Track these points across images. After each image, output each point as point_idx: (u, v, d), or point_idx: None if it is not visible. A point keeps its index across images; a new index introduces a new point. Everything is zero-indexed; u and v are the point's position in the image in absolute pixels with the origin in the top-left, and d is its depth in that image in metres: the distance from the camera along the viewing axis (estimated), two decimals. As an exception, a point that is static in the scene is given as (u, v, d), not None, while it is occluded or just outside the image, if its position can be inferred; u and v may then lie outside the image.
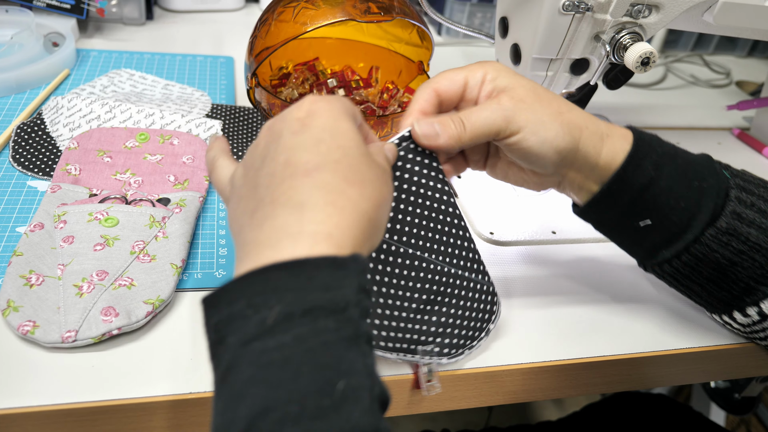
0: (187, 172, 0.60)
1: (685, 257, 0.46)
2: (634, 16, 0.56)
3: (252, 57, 0.62)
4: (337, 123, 0.35)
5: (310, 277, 0.29)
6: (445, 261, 0.47)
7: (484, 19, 1.05)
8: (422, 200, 0.45)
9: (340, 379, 0.27)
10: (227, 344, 0.29)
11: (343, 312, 0.29)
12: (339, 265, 0.30)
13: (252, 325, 0.28)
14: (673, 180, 0.45)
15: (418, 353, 0.46)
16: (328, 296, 0.29)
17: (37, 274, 0.47)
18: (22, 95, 0.72)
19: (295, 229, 0.31)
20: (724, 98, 1.03)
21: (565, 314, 0.54)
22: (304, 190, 0.32)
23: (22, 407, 0.41)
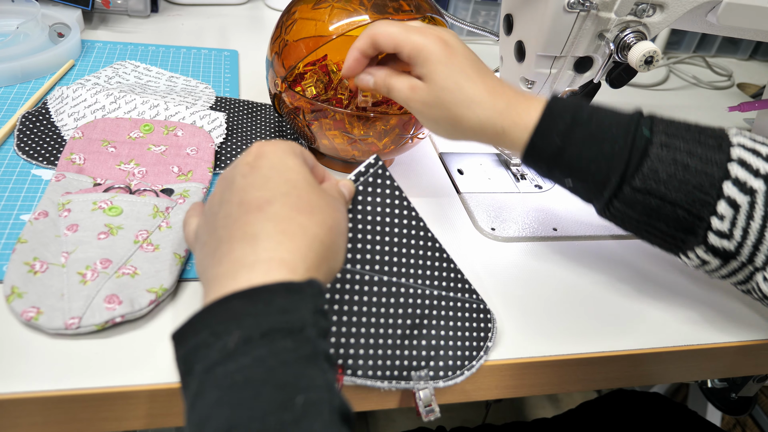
0: (190, 163, 0.61)
1: (612, 210, 0.49)
2: (638, 15, 0.57)
3: (279, 59, 0.61)
4: (282, 161, 0.38)
5: (267, 302, 0.31)
6: (425, 284, 0.48)
7: (488, 17, 1.06)
8: (391, 228, 0.47)
9: (299, 395, 0.28)
10: (194, 372, 0.30)
11: (300, 332, 0.31)
12: (294, 290, 0.32)
13: (215, 351, 0.30)
14: (583, 146, 0.48)
15: (413, 379, 0.46)
16: (285, 319, 0.31)
17: (42, 262, 0.48)
18: (27, 85, 0.72)
19: (250, 259, 0.33)
20: (726, 100, 1.03)
21: (565, 310, 0.55)
22: (257, 223, 0.35)
23: (26, 392, 0.41)
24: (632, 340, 0.53)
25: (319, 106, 0.60)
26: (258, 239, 0.34)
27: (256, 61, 0.87)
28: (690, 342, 0.54)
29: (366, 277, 0.46)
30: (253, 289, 0.32)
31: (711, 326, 0.56)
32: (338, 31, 0.58)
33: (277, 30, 0.63)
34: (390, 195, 0.48)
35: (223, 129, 0.66)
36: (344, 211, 0.41)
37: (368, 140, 0.62)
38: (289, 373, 0.29)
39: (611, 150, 0.47)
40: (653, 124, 0.48)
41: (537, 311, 0.54)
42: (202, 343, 0.30)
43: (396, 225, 0.48)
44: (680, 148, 0.47)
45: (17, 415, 0.42)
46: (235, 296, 0.31)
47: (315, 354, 0.31)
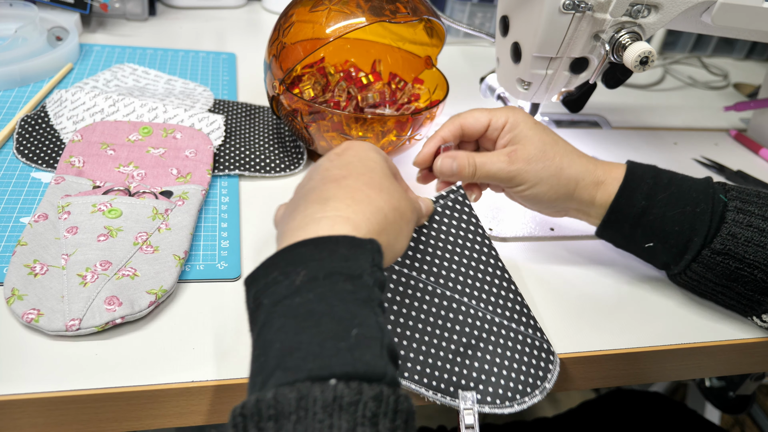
0: (189, 165, 0.61)
1: (689, 273, 0.53)
2: (633, 16, 0.57)
3: (277, 62, 0.61)
4: (366, 153, 0.43)
5: (331, 250, 0.35)
6: (487, 309, 0.49)
7: (484, 19, 1.06)
8: (461, 250, 0.50)
9: (354, 328, 0.32)
10: (263, 306, 0.34)
11: (359, 278, 0.34)
12: (355, 244, 0.36)
13: (283, 287, 0.34)
14: (666, 207, 0.52)
15: (459, 397, 0.46)
16: (346, 265, 0.35)
17: (42, 264, 0.48)
18: (25, 88, 0.73)
19: (319, 215, 0.38)
20: (722, 100, 1.04)
21: (562, 310, 0.55)
22: (331, 190, 0.39)
23: (26, 393, 0.41)
24: (629, 338, 0.53)
25: (317, 108, 0.60)
26: (329, 200, 0.38)
27: (253, 64, 0.87)
28: (687, 340, 0.54)
29: (430, 288, 0.48)
30: (320, 239, 0.36)
31: (708, 324, 0.56)
32: (335, 33, 0.59)
33: (275, 33, 0.63)
34: (466, 221, 0.51)
35: (221, 131, 0.66)
36: (413, 209, 0.45)
37: (366, 142, 0.62)
38: (347, 310, 0.33)
39: (693, 213, 0.51)
40: (726, 190, 0.52)
41: (534, 310, 0.54)
42: (272, 281, 0.34)
43: (468, 248, 0.50)
44: (755, 213, 0.50)
45: (18, 416, 0.42)
46: (304, 243, 0.35)
47: (370, 299, 0.34)
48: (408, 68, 0.75)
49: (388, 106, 0.71)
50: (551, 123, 0.87)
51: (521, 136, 0.53)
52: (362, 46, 0.76)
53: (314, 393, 0.29)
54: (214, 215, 0.58)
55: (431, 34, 0.71)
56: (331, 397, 0.28)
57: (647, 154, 0.81)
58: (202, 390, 0.44)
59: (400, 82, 0.75)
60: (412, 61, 0.74)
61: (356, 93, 0.71)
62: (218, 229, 0.57)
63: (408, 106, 0.72)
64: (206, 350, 0.46)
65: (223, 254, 0.54)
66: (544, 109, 0.87)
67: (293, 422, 0.28)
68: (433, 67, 0.72)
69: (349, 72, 0.75)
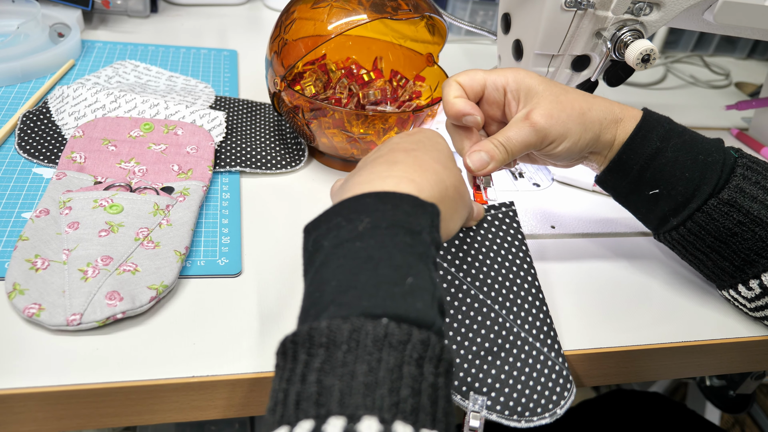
0: (190, 161, 0.61)
1: (689, 224, 0.51)
2: (635, 14, 0.57)
3: (279, 58, 0.61)
4: (436, 136, 0.45)
5: (395, 205, 0.36)
6: (515, 322, 0.49)
7: (486, 17, 1.06)
8: (503, 261, 0.51)
9: (409, 277, 0.33)
10: (323, 248, 0.36)
11: (419, 234, 0.36)
12: (417, 204, 0.37)
13: (345, 232, 0.35)
14: (679, 152, 0.51)
15: (470, 399, 0.46)
16: (408, 220, 0.36)
17: (43, 259, 0.48)
18: (27, 84, 0.73)
19: (386, 174, 0.39)
20: (724, 99, 1.04)
21: (562, 307, 0.55)
22: (399, 155, 0.41)
23: (27, 388, 0.41)
24: (628, 336, 0.53)
25: (318, 105, 0.60)
26: (396, 163, 0.40)
27: (255, 61, 0.87)
28: (687, 338, 0.54)
29: (465, 287, 0.49)
30: (385, 193, 0.37)
31: (709, 323, 0.56)
32: (337, 30, 0.59)
33: (276, 29, 0.63)
34: (513, 235, 0.53)
35: (222, 128, 0.66)
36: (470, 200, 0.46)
37: (367, 138, 0.62)
38: (404, 259, 0.34)
39: (704, 161, 0.50)
40: (736, 150, 0.52)
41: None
42: (335, 226, 0.36)
43: (509, 261, 0.51)
44: (762, 173, 0.50)
45: (19, 410, 0.42)
46: (369, 195, 0.37)
47: (426, 254, 0.35)
48: (409, 65, 0.75)
49: (389, 103, 0.71)
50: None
51: (530, 94, 0.50)
52: (364, 43, 0.76)
53: (366, 327, 0.30)
54: (215, 211, 0.58)
55: (433, 31, 0.71)
56: (383, 333, 0.30)
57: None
58: (202, 385, 0.44)
59: (401, 80, 0.75)
60: (413, 58, 0.74)
61: (357, 90, 0.71)
62: (219, 225, 0.57)
63: (409, 104, 0.72)
64: (206, 346, 0.46)
65: (223, 250, 0.54)
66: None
67: (344, 351, 0.29)
68: (435, 64, 0.72)
69: (351, 69, 0.75)
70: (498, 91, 0.51)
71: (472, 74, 0.52)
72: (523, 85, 0.50)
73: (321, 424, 0.27)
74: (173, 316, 0.48)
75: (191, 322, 0.48)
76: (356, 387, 0.28)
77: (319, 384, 0.29)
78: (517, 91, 0.51)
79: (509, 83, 0.51)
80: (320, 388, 0.28)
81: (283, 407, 0.29)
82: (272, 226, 0.58)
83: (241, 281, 0.52)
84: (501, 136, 0.50)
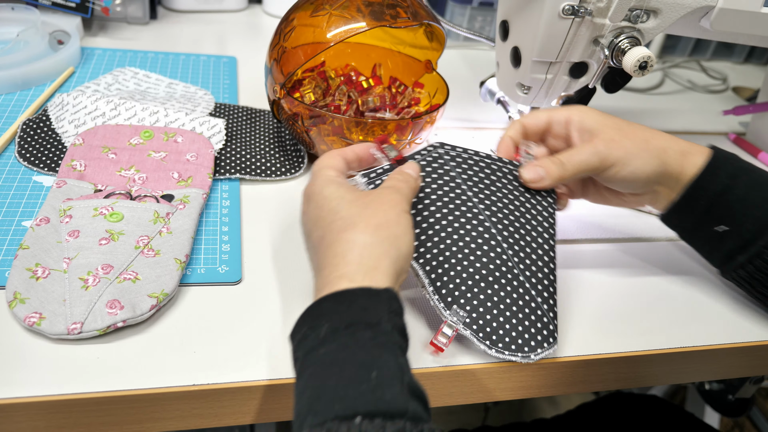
0: (190, 169, 0.61)
1: (758, 262, 0.52)
2: (632, 21, 0.57)
3: (278, 66, 0.62)
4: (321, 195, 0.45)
5: (350, 302, 0.38)
6: (518, 265, 0.50)
7: (484, 23, 1.06)
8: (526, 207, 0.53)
9: (374, 371, 0.35)
10: (299, 359, 0.38)
11: (377, 326, 0.37)
12: (372, 294, 0.39)
13: (311, 341, 0.38)
14: (748, 190, 0.52)
15: (450, 310, 0.47)
16: (364, 314, 0.38)
17: (43, 267, 0.48)
18: (27, 92, 0.73)
19: (335, 274, 0.40)
20: (721, 103, 1.04)
21: (560, 313, 0.55)
22: (320, 254, 0.43)
23: (28, 397, 0.41)
24: (627, 342, 0.53)
25: (317, 112, 0.61)
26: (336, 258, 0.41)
27: (254, 68, 0.88)
28: (686, 344, 0.54)
29: (476, 211, 0.51)
30: (339, 293, 0.39)
31: (707, 328, 0.56)
32: (336, 38, 0.59)
33: (276, 37, 0.63)
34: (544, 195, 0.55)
35: (222, 135, 0.67)
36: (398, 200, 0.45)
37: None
38: (367, 355, 0.36)
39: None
40: None
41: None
42: (303, 336, 0.38)
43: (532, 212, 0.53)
44: None
45: (19, 419, 0.42)
46: (326, 298, 0.39)
47: (389, 342, 0.37)
48: (408, 72, 0.75)
49: (388, 110, 0.72)
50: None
51: (593, 126, 0.53)
52: (363, 50, 0.76)
53: (341, 430, 0.31)
54: (215, 219, 0.58)
55: (431, 38, 0.71)
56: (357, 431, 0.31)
57: (646, 158, 0.82)
58: (203, 393, 0.44)
59: (400, 86, 0.75)
60: (412, 65, 0.75)
61: (357, 97, 0.71)
62: (219, 233, 0.57)
63: (408, 110, 0.72)
64: (207, 354, 0.46)
65: (224, 258, 0.54)
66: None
67: None
68: (434, 71, 0.72)
69: (350, 76, 0.75)
70: (561, 125, 0.55)
71: (535, 115, 0.56)
72: (587, 120, 0.53)
73: None
74: (174, 324, 0.48)
75: (192, 330, 0.48)
76: None
77: None
78: (580, 124, 0.53)
79: (573, 118, 0.54)
80: None
81: None
82: (272, 234, 0.59)
83: (242, 289, 0.52)
84: (562, 155, 0.53)
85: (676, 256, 0.65)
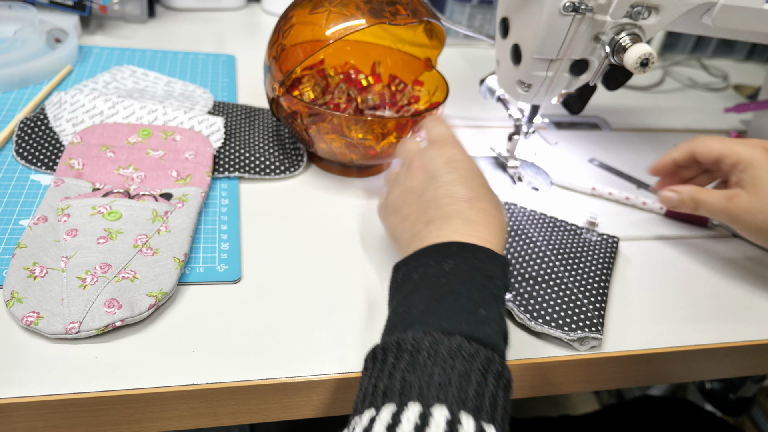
0: (189, 167, 0.61)
1: None
2: (633, 18, 0.57)
3: (277, 64, 0.61)
4: (472, 164, 0.50)
5: (474, 254, 0.43)
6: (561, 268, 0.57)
7: (483, 21, 1.06)
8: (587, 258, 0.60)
9: (482, 309, 0.40)
10: (411, 280, 0.43)
11: (493, 279, 0.42)
12: (492, 255, 0.44)
13: (433, 269, 0.42)
14: None
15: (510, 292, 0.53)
16: (485, 266, 0.42)
17: (41, 266, 0.48)
18: (24, 90, 0.72)
19: (465, 232, 0.45)
20: (722, 101, 1.04)
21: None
22: (470, 210, 0.46)
23: (25, 397, 0.41)
24: (628, 341, 0.53)
25: (317, 110, 0.60)
26: (471, 223, 0.46)
27: (253, 66, 0.87)
28: (688, 342, 0.54)
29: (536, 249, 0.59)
30: (467, 243, 0.44)
31: (710, 327, 0.56)
32: (335, 35, 0.59)
33: (275, 35, 0.63)
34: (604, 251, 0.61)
35: (221, 133, 0.66)
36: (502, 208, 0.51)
37: (366, 143, 0.62)
38: (480, 295, 0.40)
39: None
40: None
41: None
42: (423, 264, 0.43)
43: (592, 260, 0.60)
44: None
45: (17, 419, 0.42)
46: (454, 244, 0.44)
47: (498, 296, 0.42)
48: (408, 70, 0.75)
49: (387, 108, 0.71)
50: (551, 125, 0.87)
51: (750, 181, 0.54)
52: (362, 48, 0.76)
53: (443, 341, 0.36)
54: (213, 217, 0.58)
55: (431, 35, 0.71)
56: (456, 345, 0.36)
57: (647, 156, 0.81)
58: (202, 393, 0.44)
59: (399, 84, 0.74)
60: (411, 62, 0.74)
61: (356, 95, 0.71)
62: (218, 232, 0.56)
63: (408, 108, 0.72)
64: (206, 353, 0.46)
65: (222, 257, 0.54)
66: (544, 110, 0.87)
67: (424, 357, 0.36)
68: (433, 68, 0.72)
69: (349, 74, 0.75)
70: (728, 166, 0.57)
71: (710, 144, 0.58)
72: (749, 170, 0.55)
73: (402, 408, 0.33)
74: (172, 323, 0.48)
75: (191, 329, 0.47)
76: (432, 384, 0.34)
77: (403, 380, 0.35)
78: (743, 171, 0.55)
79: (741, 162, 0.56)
80: (403, 384, 0.35)
81: (372, 396, 0.36)
82: (271, 232, 0.58)
83: (241, 288, 0.52)
84: (699, 195, 0.58)
85: (673, 255, 0.64)
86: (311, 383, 0.46)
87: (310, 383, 0.46)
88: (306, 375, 0.46)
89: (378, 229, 0.61)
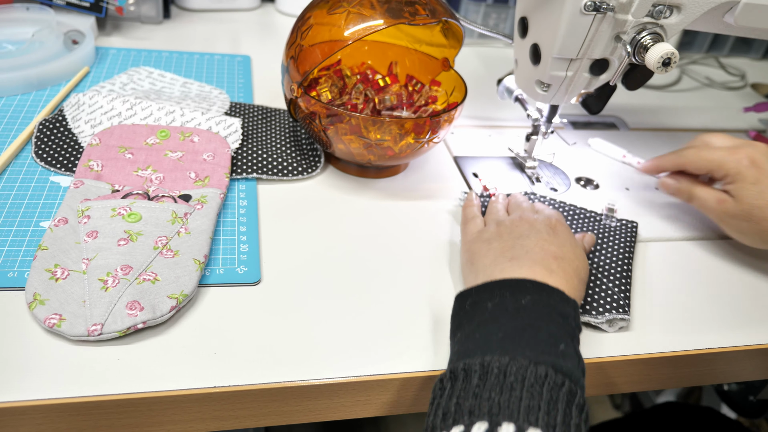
0: (207, 169, 0.61)
1: None
2: (655, 17, 0.56)
3: (295, 64, 0.61)
4: (571, 238, 0.54)
5: (549, 294, 0.45)
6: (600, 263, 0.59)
7: (498, 20, 1.05)
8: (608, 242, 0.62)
9: (561, 344, 0.41)
10: (486, 309, 0.45)
11: (566, 318, 0.44)
12: (565, 298, 0.46)
13: (510, 302, 0.44)
14: None
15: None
16: (560, 306, 0.45)
17: (62, 268, 0.48)
18: (43, 92, 0.73)
19: (544, 277, 0.48)
20: (739, 100, 1.03)
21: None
22: (554, 264, 0.49)
23: (48, 399, 0.41)
24: (645, 343, 0.53)
25: (335, 111, 0.60)
26: (553, 272, 0.49)
27: (268, 66, 0.87)
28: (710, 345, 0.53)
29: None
30: (543, 283, 0.46)
31: (734, 330, 0.55)
32: (354, 36, 0.58)
33: (293, 35, 0.63)
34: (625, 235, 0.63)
35: (238, 134, 0.66)
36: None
37: (384, 144, 0.62)
38: (558, 332, 0.42)
39: None
40: None
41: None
42: (499, 295, 0.45)
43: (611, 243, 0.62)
44: None
45: (40, 421, 0.42)
46: (530, 281, 0.46)
47: (572, 335, 0.44)
48: (425, 70, 0.74)
49: (405, 108, 0.71)
50: (568, 125, 0.86)
51: (736, 192, 0.58)
52: (379, 48, 0.75)
53: (530, 368, 0.38)
54: (232, 219, 0.58)
55: (448, 35, 0.70)
56: (543, 373, 0.38)
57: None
58: (224, 395, 0.44)
59: (417, 84, 0.74)
60: (428, 63, 0.74)
61: (373, 95, 0.71)
62: (237, 233, 0.56)
63: (425, 108, 0.71)
64: (227, 355, 0.46)
65: (242, 258, 0.54)
66: (562, 110, 0.86)
67: (511, 381, 0.37)
68: (451, 68, 0.71)
69: (366, 74, 0.75)
70: (717, 177, 0.61)
71: (701, 163, 0.61)
72: (736, 183, 0.58)
73: (495, 428, 0.35)
74: (193, 325, 0.48)
75: (211, 331, 0.47)
76: (522, 408, 0.36)
77: (491, 401, 0.37)
78: (731, 182, 0.59)
79: (729, 175, 0.59)
80: (491, 404, 0.36)
81: (455, 414, 0.37)
82: (290, 233, 0.58)
83: (261, 289, 0.52)
84: (696, 190, 0.62)
85: (698, 255, 0.64)
86: (332, 386, 0.46)
87: (332, 386, 0.46)
88: (327, 378, 0.46)
89: (396, 230, 0.60)
